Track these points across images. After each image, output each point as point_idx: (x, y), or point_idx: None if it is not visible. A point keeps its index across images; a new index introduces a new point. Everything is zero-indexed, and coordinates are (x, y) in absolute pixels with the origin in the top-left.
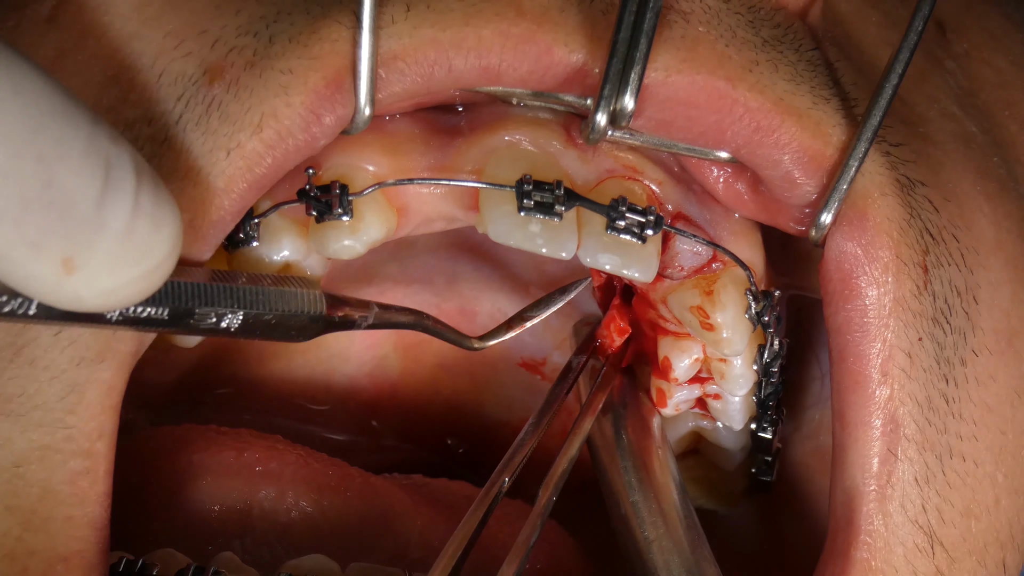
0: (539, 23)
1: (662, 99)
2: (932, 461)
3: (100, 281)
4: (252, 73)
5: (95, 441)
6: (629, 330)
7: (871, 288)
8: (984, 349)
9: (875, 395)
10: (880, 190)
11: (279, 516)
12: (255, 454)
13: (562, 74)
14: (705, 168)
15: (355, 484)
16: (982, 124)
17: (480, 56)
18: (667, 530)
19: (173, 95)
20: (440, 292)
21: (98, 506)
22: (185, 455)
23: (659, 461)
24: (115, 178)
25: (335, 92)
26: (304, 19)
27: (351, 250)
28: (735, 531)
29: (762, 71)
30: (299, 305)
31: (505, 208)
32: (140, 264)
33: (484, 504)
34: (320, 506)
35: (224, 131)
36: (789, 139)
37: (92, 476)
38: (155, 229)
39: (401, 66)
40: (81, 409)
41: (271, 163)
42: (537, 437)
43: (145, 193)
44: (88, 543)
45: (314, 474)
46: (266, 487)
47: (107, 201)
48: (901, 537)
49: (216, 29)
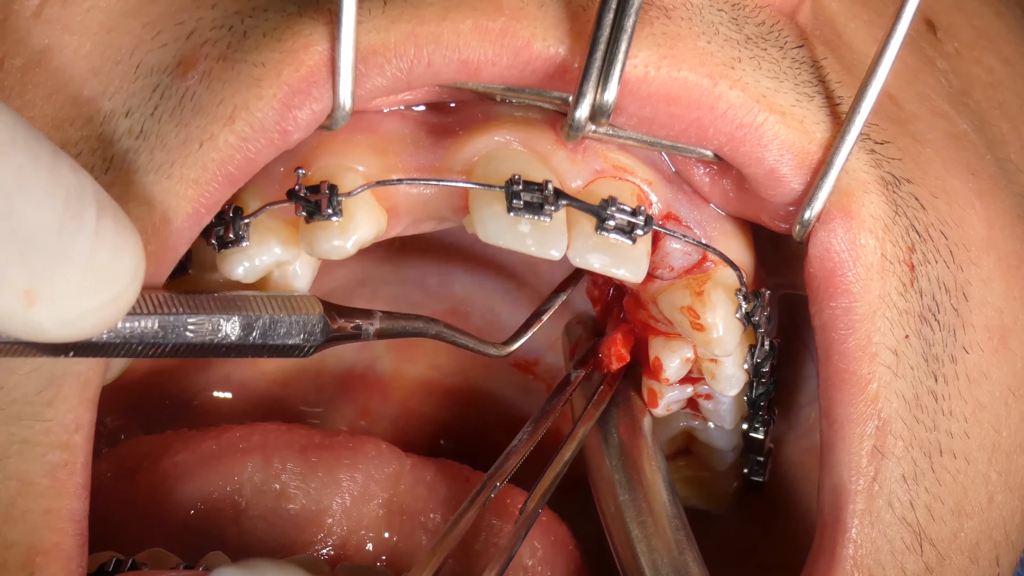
0: (517, 18)
1: (643, 95)
2: (921, 458)
3: (62, 311)
4: (225, 66)
5: (72, 434)
6: (628, 359)
7: (855, 285)
8: (976, 346)
9: (861, 392)
10: (863, 187)
11: (270, 485)
12: (235, 434)
13: (542, 69)
14: (691, 166)
15: (340, 439)
16: (974, 123)
17: (459, 51)
18: (656, 529)
19: (149, 86)
20: (432, 293)
21: (76, 499)
22: (168, 458)
23: (649, 461)
24: (75, 208)
25: (309, 86)
26: (279, 16)
27: (341, 250)
28: (728, 531)
29: (744, 68)
30: (296, 319)
31: (495, 208)
32: (103, 292)
33: (474, 507)
34: (309, 463)
35: (197, 123)
36: (772, 136)
37: (70, 468)
38: (117, 257)
39: (380, 61)
40: (59, 402)
41: (244, 156)
42: (529, 447)
43: (106, 221)
44: (66, 535)
45: (297, 437)
46: (252, 459)
47: (68, 230)
48: (888, 535)
49: (192, 21)
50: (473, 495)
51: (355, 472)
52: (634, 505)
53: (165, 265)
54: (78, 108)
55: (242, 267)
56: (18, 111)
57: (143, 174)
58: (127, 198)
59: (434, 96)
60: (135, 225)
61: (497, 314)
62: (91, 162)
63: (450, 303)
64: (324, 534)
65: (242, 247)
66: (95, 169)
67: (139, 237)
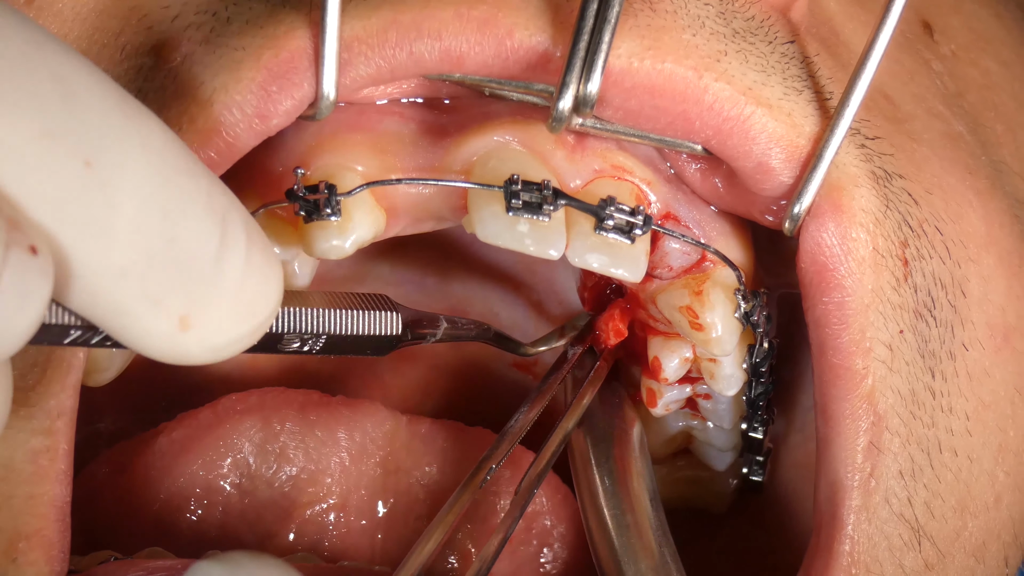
0: (499, 6)
1: (627, 87)
2: (919, 455)
3: (212, 339)
4: (207, 49)
5: (55, 419)
6: (625, 333)
7: (847, 279)
8: (976, 344)
9: (856, 388)
10: (854, 181)
11: (271, 445)
12: (231, 398)
13: (525, 59)
14: (683, 161)
15: (337, 399)
16: (968, 124)
17: (440, 39)
18: (639, 539)
19: (134, 68)
20: (431, 292)
21: (58, 484)
22: (165, 436)
23: (635, 471)
24: (230, 234)
25: (289, 71)
26: (263, 6)
27: (339, 250)
28: (726, 531)
29: (730, 61)
30: (378, 326)
31: (493, 208)
32: (249, 321)
33: (469, 490)
34: (308, 422)
35: (177, 106)
36: (760, 129)
37: (52, 454)
38: (264, 284)
39: (363, 48)
40: (42, 387)
41: (224, 141)
42: (526, 426)
43: (255, 248)
44: (48, 521)
45: (294, 395)
46: (250, 419)
47: (223, 257)
48: (886, 531)
49: (177, 5)
50: (468, 478)
51: (353, 430)
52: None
53: None
54: None
55: None
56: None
57: None
58: None
59: (425, 90)
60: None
61: (496, 314)
62: None
63: (449, 303)
64: (324, 493)
65: None
66: None
67: (280, 263)
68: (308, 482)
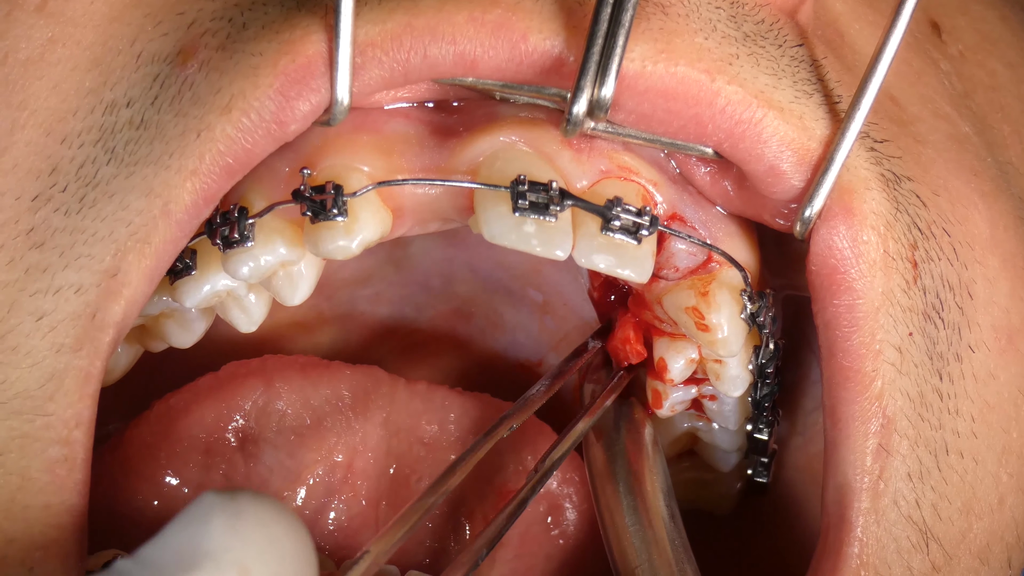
0: (513, 10)
1: (640, 90)
2: (927, 457)
3: None
4: (224, 55)
5: (73, 429)
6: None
7: (858, 282)
8: (982, 345)
9: (866, 390)
10: (865, 184)
11: (274, 405)
12: (233, 364)
13: (539, 63)
14: (692, 166)
15: (337, 363)
16: (975, 126)
17: (455, 43)
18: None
19: (150, 75)
20: (436, 294)
21: (75, 494)
22: (162, 402)
23: (652, 486)
24: None
25: (306, 77)
26: (278, 10)
27: (346, 250)
28: (731, 533)
29: (742, 64)
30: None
31: (500, 209)
32: None
33: (471, 462)
34: (310, 380)
35: (195, 113)
36: (771, 132)
37: (70, 464)
38: None
39: (377, 53)
40: (60, 396)
41: (241, 147)
42: (539, 402)
43: None
44: (65, 531)
45: (294, 360)
46: (252, 380)
47: None
48: (894, 533)
49: (193, 11)
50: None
51: (356, 391)
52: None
53: (165, 258)
54: (80, 99)
55: (247, 267)
56: (21, 105)
57: (144, 165)
58: (129, 190)
59: (435, 93)
60: (136, 218)
61: (500, 315)
62: (94, 153)
63: (454, 304)
64: (328, 453)
65: (247, 247)
66: (97, 161)
67: None
68: (313, 443)
